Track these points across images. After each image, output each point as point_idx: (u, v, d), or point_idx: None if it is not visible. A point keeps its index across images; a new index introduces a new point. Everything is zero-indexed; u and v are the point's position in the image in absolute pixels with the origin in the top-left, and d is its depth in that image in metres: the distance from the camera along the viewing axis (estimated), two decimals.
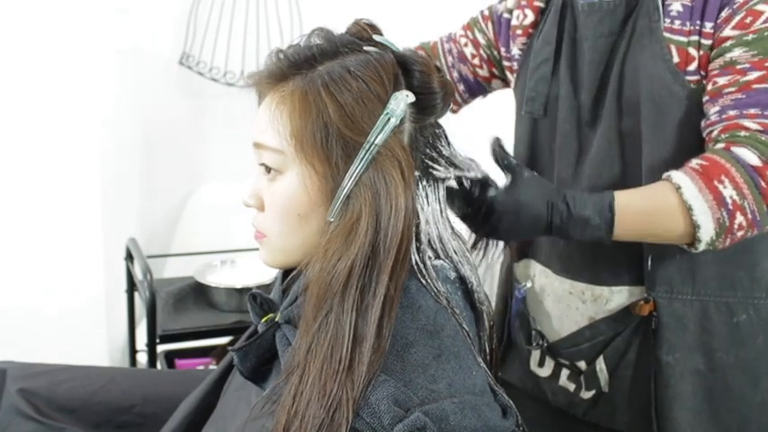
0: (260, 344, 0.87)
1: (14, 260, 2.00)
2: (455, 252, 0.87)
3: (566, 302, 1.21)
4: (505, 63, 1.32)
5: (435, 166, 0.86)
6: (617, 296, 1.15)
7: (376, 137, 0.79)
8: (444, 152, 0.87)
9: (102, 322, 2.10)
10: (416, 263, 0.82)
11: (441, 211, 0.87)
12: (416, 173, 0.84)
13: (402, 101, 0.81)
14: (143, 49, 2.33)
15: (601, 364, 1.17)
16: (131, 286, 1.84)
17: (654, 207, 1.01)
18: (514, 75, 1.30)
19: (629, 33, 1.10)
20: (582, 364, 1.20)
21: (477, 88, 1.39)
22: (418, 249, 0.83)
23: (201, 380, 1.09)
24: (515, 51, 1.28)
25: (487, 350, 0.90)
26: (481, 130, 1.34)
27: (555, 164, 1.21)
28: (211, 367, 1.66)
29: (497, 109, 1.48)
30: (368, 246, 0.76)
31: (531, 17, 1.25)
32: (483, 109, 1.48)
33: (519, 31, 1.26)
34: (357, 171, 0.78)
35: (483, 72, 1.36)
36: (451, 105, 1.40)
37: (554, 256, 1.23)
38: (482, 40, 1.35)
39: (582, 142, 1.17)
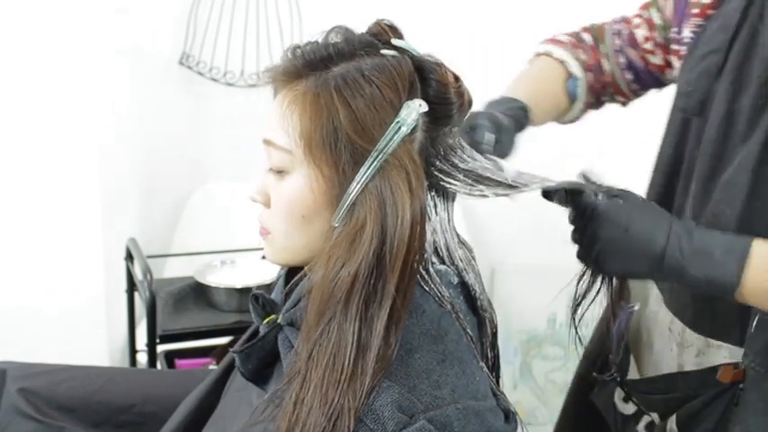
0: (262, 346, 0.87)
1: (14, 260, 2.00)
2: (461, 260, 0.86)
3: (664, 339, 1.04)
4: (673, 46, 1.10)
5: (447, 179, 0.83)
6: (712, 351, 0.97)
7: (385, 145, 0.77)
8: (461, 165, 0.84)
9: (102, 322, 2.10)
10: (419, 270, 0.81)
11: (448, 220, 0.86)
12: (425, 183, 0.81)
13: (414, 110, 0.78)
14: (143, 49, 2.33)
15: (672, 423, 1.00)
16: (131, 286, 1.84)
17: None
18: (681, 61, 1.08)
19: None
20: (655, 416, 1.04)
21: (648, 78, 1.18)
22: (422, 257, 0.81)
23: (201, 380, 1.09)
24: (686, 33, 1.06)
25: (489, 355, 0.90)
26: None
27: (693, 176, 1.01)
28: (211, 367, 1.66)
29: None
30: (372, 255, 0.74)
31: None
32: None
33: (695, 10, 1.04)
34: (364, 179, 0.77)
35: (655, 59, 1.15)
36: (619, 98, 1.21)
37: (666, 283, 1.03)
38: (657, 20, 1.14)
39: (724, 156, 0.96)
